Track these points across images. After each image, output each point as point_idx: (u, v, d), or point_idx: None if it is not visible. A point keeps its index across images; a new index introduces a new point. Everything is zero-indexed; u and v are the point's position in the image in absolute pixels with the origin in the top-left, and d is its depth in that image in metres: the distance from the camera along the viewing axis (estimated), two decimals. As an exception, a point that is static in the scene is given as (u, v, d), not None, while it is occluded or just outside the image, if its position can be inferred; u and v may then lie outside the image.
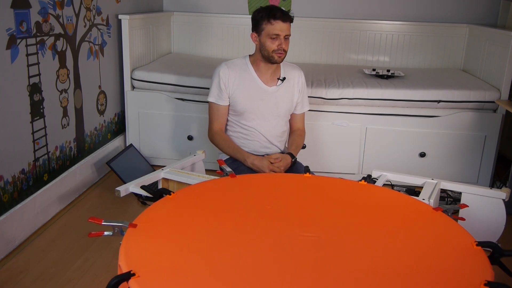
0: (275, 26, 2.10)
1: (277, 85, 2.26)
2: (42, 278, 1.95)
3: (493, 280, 1.02)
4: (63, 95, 2.50)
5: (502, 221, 1.74)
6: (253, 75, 2.23)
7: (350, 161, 3.05)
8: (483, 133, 2.93)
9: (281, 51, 2.13)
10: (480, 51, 3.33)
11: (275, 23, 2.09)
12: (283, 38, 2.12)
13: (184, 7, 3.93)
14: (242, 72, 2.23)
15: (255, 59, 2.23)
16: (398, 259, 1.13)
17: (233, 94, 2.22)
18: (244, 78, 2.22)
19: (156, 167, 3.04)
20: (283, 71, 2.29)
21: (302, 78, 2.34)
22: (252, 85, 2.23)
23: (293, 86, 2.31)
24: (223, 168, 1.75)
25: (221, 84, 2.21)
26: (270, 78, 2.25)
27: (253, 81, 2.23)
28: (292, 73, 2.31)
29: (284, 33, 2.11)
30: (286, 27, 2.12)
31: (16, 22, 2.07)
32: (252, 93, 2.22)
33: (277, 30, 2.10)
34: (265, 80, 2.24)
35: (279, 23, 2.09)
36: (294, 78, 2.31)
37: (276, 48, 2.12)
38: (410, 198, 1.49)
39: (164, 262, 1.07)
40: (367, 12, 3.75)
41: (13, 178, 2.14)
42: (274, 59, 2.15)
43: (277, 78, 2.26)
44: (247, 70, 2.23)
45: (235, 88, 2.21)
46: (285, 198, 1.47)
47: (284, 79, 2.26)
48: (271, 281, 1.02)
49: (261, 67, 2.22)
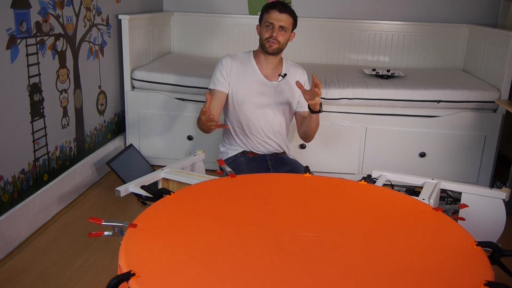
0: (271, 15, 2.16)
1: (278, 80, 2.28)
2: (42, 278, 1.95)
3: (493, 280, 1.02)
4: (63, 95, 2.50)
5: (502, 221, 1.73)
6: (254, 68, 2.27)
7: (350, 161, 3.05)
8: (483, 133, 2.93)
9: (273, 40, 2.16)
10: (480, 51, 3.33)
11: (271, 12, 2.16)
12: (278, 28, 2.15)
13: (184, 7, 3.93)
14: (244, 64, 2.27)
15: (257, 53, 2.27)
16: (398, 259, 1.13)
17: (234, 84, 2.25)
18: (246, 70, 2.26)
19: (156, 167, 3.04)
20: (285, 68, 2.31)
21: (305, 77, 2.36)
22: (253, 78, 2.26)
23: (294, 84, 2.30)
24: (223, 168, 1.75)
25: (223, 72, 2.25)
26: (271, 73, 2.28)
27: (254, 74, 2.26)
28: (294, 71, 2.34)
29: (279, 23, 2.15)
30: (283, 18, 2.15)
31: (16, 22, 2.07)
32: (252, 86, 2.25)
33: (272, 19, 2.15)
34: (266, 74, 2.27)
35: (275, 12, 2.15)
36: (296, 76, 2.32)
37: (268, 36, 2.16)
38: (410, 198, 1.49)
39: (164, 262, 1.06)
40: (367, 12, 3.75)
41: (13, 178, 2.14)
42: (265, 47, 2.18)
43: (278, 74, 2.28)
44: (249, 63, 2.27)
45: (237, 78, 2.24)
46: (285, 198, 1.47)
47: (285, 75, 2.29)
48: (271, 281, 1.02)
49: (262, 60, 2.26)
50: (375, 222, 1.33)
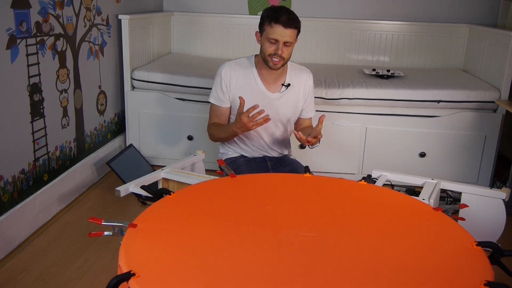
0: (275, 30, 1.96)
1: (281, 91, 2.15)
2: (42, 278, 1.95)
3: (493, 280, 1.02)
4: (63, 95, 2.50)
5: (502, 221, 1.74)
6: (255, 79, 2.13)
7: (350, 161, 3.05)
8: (483, 133, 2.93)
9: (278, 58, 2.00)
10: (480, 51, 3.33)
11: (275, 26, 1.95)
12: (282, 44, 1.98)
13: (184, 7, 3.93)
14: (245, 74, 2.13)
15: (259, 61, 2.11)
16: (398, 259, 1.13)
17: (234, 96, 2.13)
18: (247, 81, 2.13)
19: (156, 167, 3.04)
20: (289, 76, 2.16)
21: (310, 81, 2.21)
22: (254, 90, 2.13)
23: (299, 91, 2.19)
24: (223, 168, 1.75)
25: (223, 86, 2.12)
26: (273, 83, 2.14)
27: (255, 86, 2.13)
28: (300, 77, 2.18)
29: (284, 39, 1.97)
30: (288, 33, 1.96)
31: (16, 22, 2.07)
32: (253, 98, 2.07)
33: (276, 35, 1.96)
34: (268, 85, 2.13)
35: (280, 27, 1.95)
36: (301, 83, 2.18)
37: (272, 53, 2.00)
38: (410, 198, 1.49)
39: (164, 262, 1.07)
40: (367, 12, 3.75)
41: (13, 178, 2.14)
42: (269, 64, 2.03)
43: (282, 84, 2.15)
44: (250, 73, 2.13)
45: (237, 90, 2.12)
46: (285, 198, 1.47)
47: (288, 85, 2.14)
48: (271, 281, 1.02)
49: (263, 70, 2.11)
50: (375, 222, 1.33)
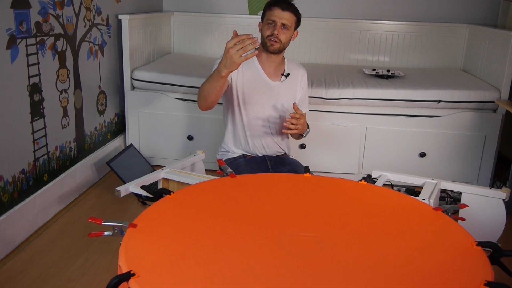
0: (273, 12, 2.11)
1: (281, 80, 2.25)
2: (42, 278, 1.95)
3: (493, 280, 1.02)
4: (63, 95, 2.50)
5: (502, 221, 1.74)
6: (257, 67, 2.23)
7: (350, 161, 3.05)
8: (483, 133, 2.93)
9: (275, 39, 2.11)
10: (480, 51, 3.33)
11: (274, 9, 2.11)
12: (280, 25, 2.11)
13: (184, 7, 3.93)
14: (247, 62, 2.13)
15: (260, 51, 2.22)
16: (398, 259, 1.13)
17: (237, 80, 2.19)
18: (249, 68, 2.22)
19: (156, 167, 3.04)
20: (287, 67, 2.28)
21: (305, 77, 2.34)
22: (256, 77, 2.22)
23: (296, 83, 2.30)
24: (223, 168, 1.75)
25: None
26: (273, 72, 2.24)
27: (257, 73, 2.22)
28: (296, 70, 2.30)
29: (281, 20, 2.10)
30: (286, 16, 2.10)
31: (16, 22, 2.07)
32: (255, 85, 2.21)
33: (274, 16, 2.10)
34: (269, 74, 2.23)
35: (277, 10, 2.10)
36: (298, 76, 2.30)
37: (269, 34, 2.11)
38: (410, 198, 1.48)
39: (164, 262, 1.06)
40: (367, 12, 3.75)
41: (13, 178, 2.14)
42: (267, 45, 2.14)
43: (281, 74, 2.25)
44: (252, 61, 2.21)
45: (240, 75, 2.19)
46: (285, 198, 1.47)
47: (288, 75, 2.25)
48: (271, 281, 1.02)
49: (264, 59, 2.21)
50: (375, 222, 1.33)
